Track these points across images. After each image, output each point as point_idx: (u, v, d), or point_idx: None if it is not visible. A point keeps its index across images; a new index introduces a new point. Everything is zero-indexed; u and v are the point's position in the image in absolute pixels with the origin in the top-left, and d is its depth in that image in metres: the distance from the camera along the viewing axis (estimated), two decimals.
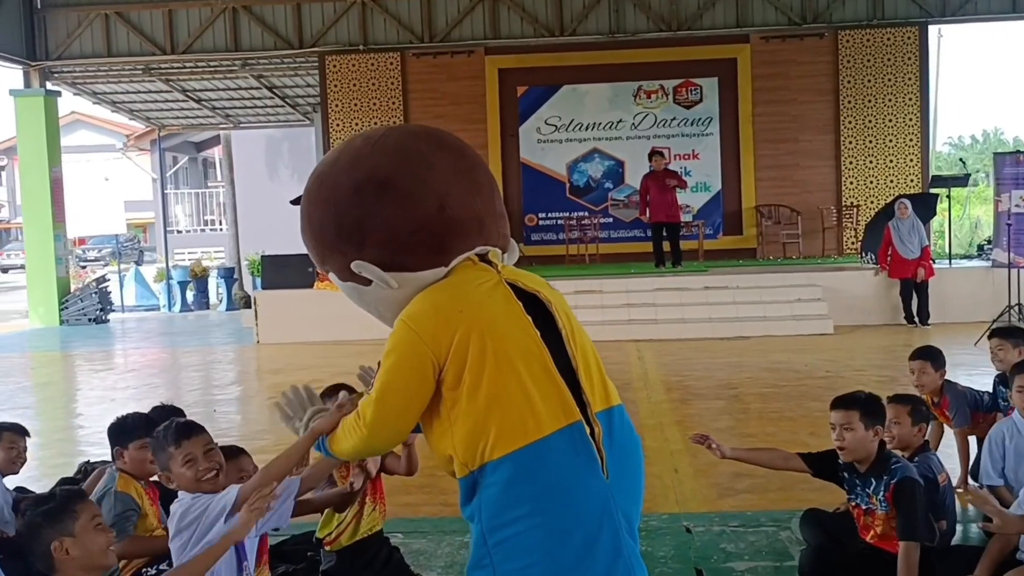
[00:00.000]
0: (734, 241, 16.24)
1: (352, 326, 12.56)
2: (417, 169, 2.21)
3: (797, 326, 11.36)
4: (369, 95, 16.43)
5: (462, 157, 2.33)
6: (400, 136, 2.31)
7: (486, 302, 2.16)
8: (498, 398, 2.09)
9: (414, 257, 2.21)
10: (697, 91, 16.20)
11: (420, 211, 2.17)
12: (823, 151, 16.08)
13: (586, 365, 2.21)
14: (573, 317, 2.30)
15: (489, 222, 2.27)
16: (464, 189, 2.24)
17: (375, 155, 2.22)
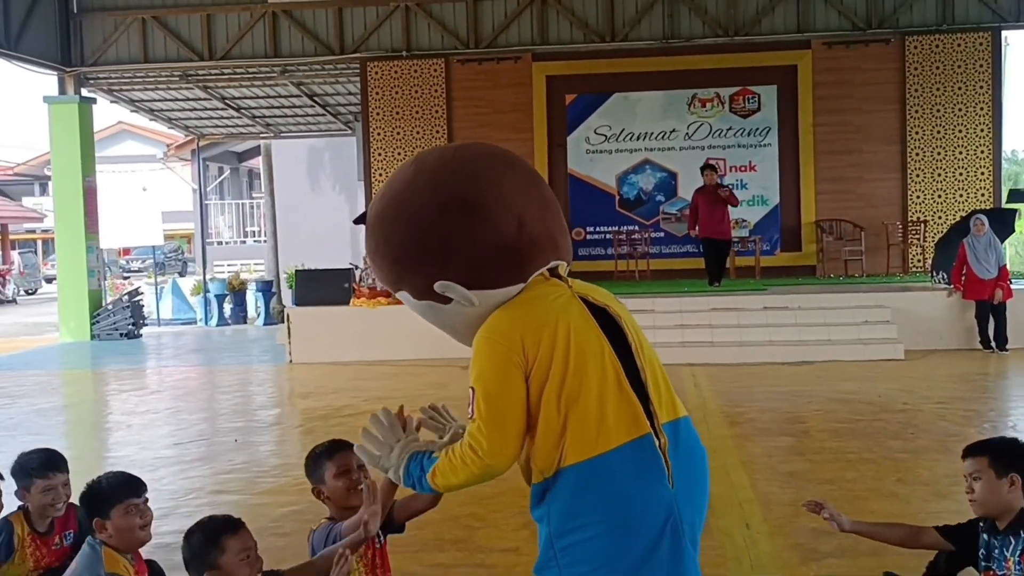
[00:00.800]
0: (792, 258, 15.49)
1: (388, 345, 12.10)
2: (496, 189, 2.27)
3: (865, 351, 10.62)
4: (412, 103, 15.94)
5: (528, 174, 2.39)
6: (472, 156, 2.35)
7: (562, 316, 2.22)
8: (574, 409, 2.17)
9: (497, 275, 2.26)
10: (755, 99, 15.51)
11: (503, 230, 2.23)
12: (888, 163, 15.31)
13: (654, 377, 2.27)
14: (640, 330, 2.35)
15: (560, 237, 2.35)
16: (537, 206, 2.31)
17: (455, 175, 2.28)
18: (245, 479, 5.99)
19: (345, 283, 12.35)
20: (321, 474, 3.15)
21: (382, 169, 15.99)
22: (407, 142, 15.90)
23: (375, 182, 16.03)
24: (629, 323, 2.32)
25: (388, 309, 12.01)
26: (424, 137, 15.88)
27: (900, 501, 5.09)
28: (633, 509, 2.16)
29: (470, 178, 2.28)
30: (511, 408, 2.21)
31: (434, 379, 10.26)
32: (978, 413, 7.59)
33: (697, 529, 2.27)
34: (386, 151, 16.00)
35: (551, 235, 2.33)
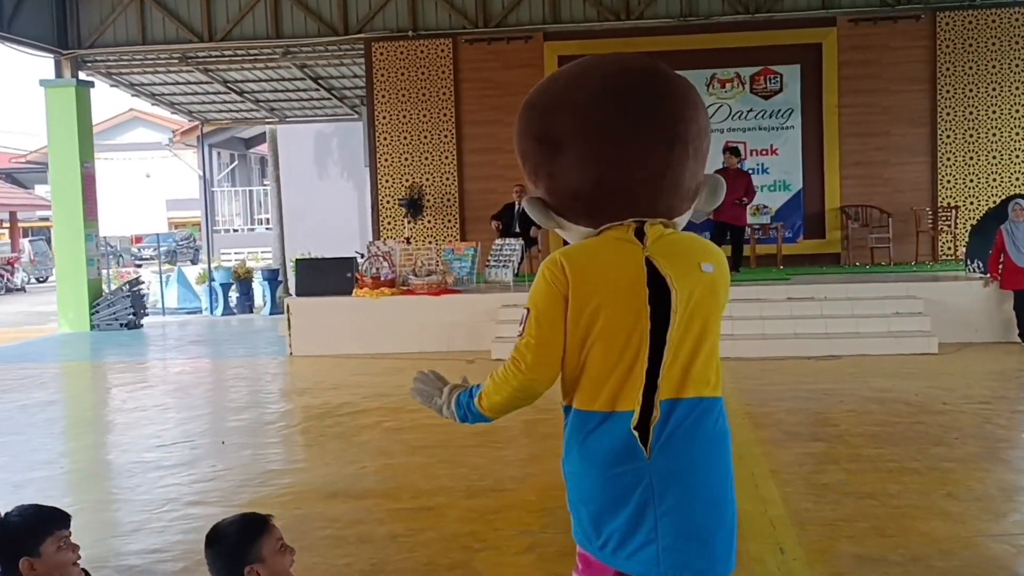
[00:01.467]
0: (816, 245, 14.90)
1: (392, 338, 11.59)
2: (591, 139, 2.21)
3: (896, 344, 10.04)
4: (418, 84, 15.40)
5: (640, 129, 2.21)
6: (593, 93, 2.23)
7: (612, 275, 2.21)
8: (586, 362, 2.24)
9: (569, 212, 2.32)
10: (777, 80, 14.90)
11: (581, 180, 2.24)
12: (917, 146, 14.68)
13: (676, 354, 2.22)
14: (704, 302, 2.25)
15: (648, 196, 2.25)
16: (631, 166, 2.22)
17: (561, 110, 2.26)
18: (226, 488, 5.50)
19: (348, 273, 11.84)
20: (258, 552, 2.69)
21: (388, 154, 15.47)
22: (413, 125, 15.38)
23: (381, 168, 15.51)
24: (686, 296, 2.21)
25: (392, 300, 11.51)
26: (431, 120, 15.35)
27: (953, 521, 4.54)
28: (604, 469, 2.22)
29: (573, 120, 2.23)
30: (553, 330, 2.25)
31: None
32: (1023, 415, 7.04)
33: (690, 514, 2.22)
34: (392, 135, 15.47)
35: (633, 193, 2.23)
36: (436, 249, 12.25)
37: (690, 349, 2.23)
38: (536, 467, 5.75)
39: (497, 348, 10.56)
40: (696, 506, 2.21)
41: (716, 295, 2.27)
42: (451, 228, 15.50)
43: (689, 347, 2.23)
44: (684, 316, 2.21)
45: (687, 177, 2.28)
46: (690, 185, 2.31)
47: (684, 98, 2.27)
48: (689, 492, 2.21)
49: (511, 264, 12.03)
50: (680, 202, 2.32)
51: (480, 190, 15.33)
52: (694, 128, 2.26)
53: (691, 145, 2.25)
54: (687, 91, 2.31)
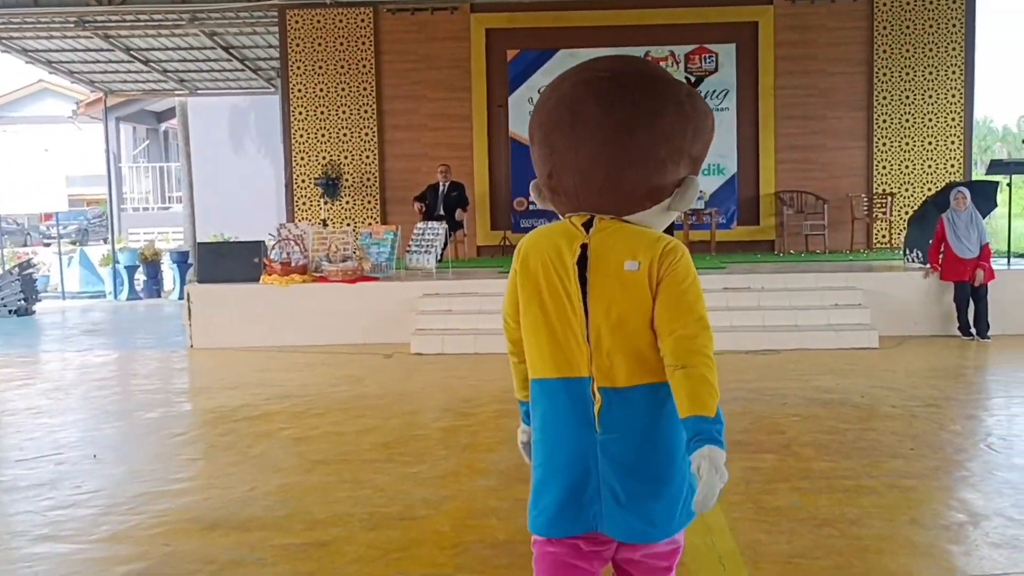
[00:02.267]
0: (750, 232, 14.49)
1: (304, 329, 10.82)
2: (548, 137, 2.34)
3: (836, 338, 9.60)
4: (336, 56, 14.57)
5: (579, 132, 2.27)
6: (561, 96, 2.30)
7: (551, 256, 2.32)
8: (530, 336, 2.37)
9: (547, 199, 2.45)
10: (712, 59, 14.40)
11: (541, 169, 2.40)
12: (854, 130, 14.34)
13: (600, 342, 2.27)
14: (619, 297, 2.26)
15: (587, 196, 2.32)
16: (570, 169, 2.32)
17: (540, 110, 2.37)
18: (86, 518, 4.72)
19: (255, 258, 11.02)
20: None
21: (303, 130, 14.63)
22: (331, 99, 14.55)
23: (295, 145, 14.67)
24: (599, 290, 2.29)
25: (304, 288, 10.73)
26: (350, 95, 14.54)
27: (921, 555, 4.00)
28: (556, 433, 2.32)
29: (546, 118, 2.35)
30: (506, 297, 2.46)
31: (353, 370, 9.02)
32: (978, 420, 6.57)
33: (628, 488, 2.26)
34: (308, 110, 14.63)
35: (577, 193, 2.34)
36: (353, 233, 11.48)
37: (613, 339, 2.27)
38: (453, 487, 5.09)
39: (417, 341, 9.87)
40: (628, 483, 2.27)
41: (638, 291, 2.25)
42: (371, 210, 14.73)
43: (611, 337, 2.27)
44: (600, 305, 2.29)
45: (628, 181, 2.28)
46: (636, 189, 2.29)
47: (638, 106, 2.24)
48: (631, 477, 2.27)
49: (434, 249, 11.32)
50: (625, 202, 2.32)
51: (402, 169, 14.60)
52: (643, 135, 2.23)
53: (635, 151, 2.24)
54: (647, 99, 2.25)
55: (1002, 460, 5.42)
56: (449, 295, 10.59)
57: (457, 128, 14.58)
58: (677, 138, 2.26)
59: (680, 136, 2.26)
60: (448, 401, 7.50)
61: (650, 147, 2.24)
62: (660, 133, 2.23)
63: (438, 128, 14.60)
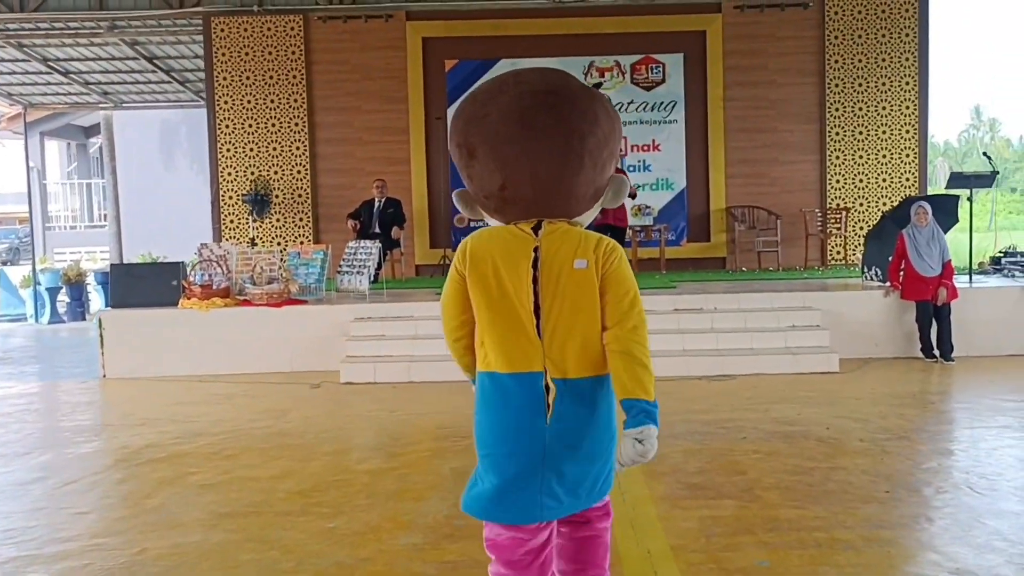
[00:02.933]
0: (700, 249, 14.04)
1: (226, 357, 10.12)
2: (497, 149, 2.52)
3: (794, 362, 9.13)
4: (265, 66, 13.90)
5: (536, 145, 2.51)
6: (504, 111, 2.53)
7: (503, 259, 2.55)
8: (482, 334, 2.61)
9: (485, 209, 2.67)
10: (659, 69, 13.96)
11: (489, 184, 2.57)
12: (806, 143, 13.97)
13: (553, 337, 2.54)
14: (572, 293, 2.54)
15: (544, 201, 2.56)
16: (528, 179, 2.52)
17: (479, 123, 2.54)
18: None
19: (173, 280, 10.30)
20: None
21: (231, 143, 13.93)
22: (259, 112, 13.87)
23: (222, 159, 13.96)
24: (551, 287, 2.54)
25: (226, 312, 10.03)
26: (280, 107, 13.87)
27: None
28: (506, 425, 2.56)
29: (487, 130, 2.52)
30: (447, 304, 2.70)
31: (275, 402, 8.34)
32: (954, 456, 6.07)
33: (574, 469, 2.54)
34: (235, 122, 13.93)
35: (536, 200, 2.56)
36: (280, 253, 10.81)
37: (566, 333, 2.53)
38: (373, 546, 4.46)
39: (347, 369, 9.22)
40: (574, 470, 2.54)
41: (587, 287, 2.53)
42: (303, 228, 14.05)
43: (565, 331, 2.53)
44: (554, 304, 2.53)
45: (582, 184, 2.56)
46: (586, 191, 2.58)
47: (583, 114, 2.52)
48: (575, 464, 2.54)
49: (366, 270, 10.68)
50: (576, 205, 2.60)
51: (335, 185, 13.95)
52: (591, 141, 2.51)
53: (587, 157, 2.52)
54: (588, 107, 2.54)
55: (987, 504, 4.91)
56: (382, 319, 9.96)
57: (393, 141, 13.98)
58: (611, 140, 2.60)
59: (614, 139, 2.61)
60: (377, 439, 6.87)
61: (597, 151, 2.53)
62: (602, 137, 2.55)
63: (373, 142, 13.98)
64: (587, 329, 2.53)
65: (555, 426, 2.52)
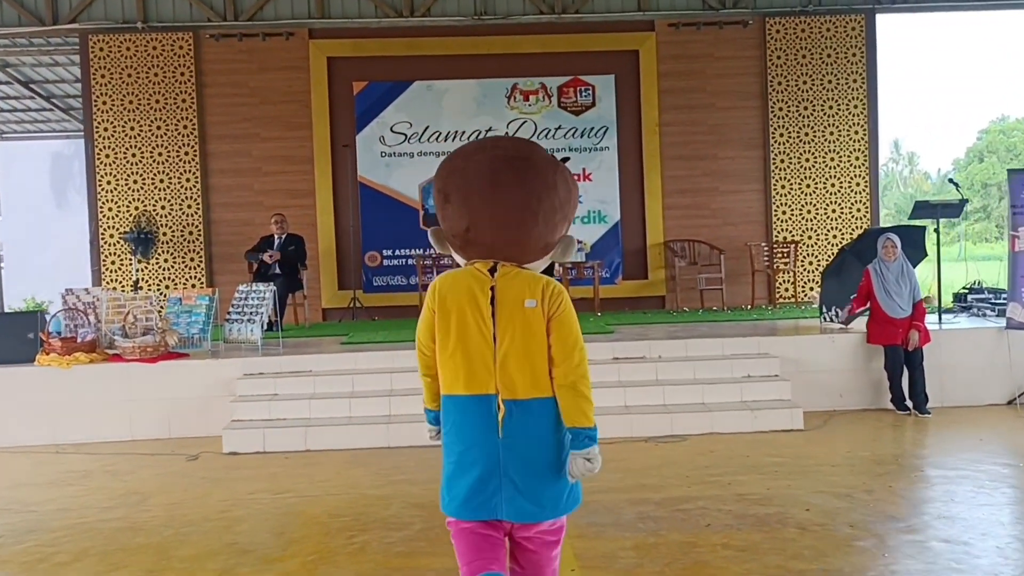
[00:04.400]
0: (637, 287, 12.96)
1: (91, 423, 8.51)
2: (467, 200, 2.96)
3: (752, 419, 7.98)
4: (150, 90, 12.54)
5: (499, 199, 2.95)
6: (477, 167, 2.97)
7: (465, 294, 2.96)
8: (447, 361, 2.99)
9: (453, 247, 3.06)
10: (588, 92, 12.91)
11: (457, 226, 2.99)
12: (749, 172, 13.03)
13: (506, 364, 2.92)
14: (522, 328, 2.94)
15: (501, 248, 2.96)
16: (489, 227, 2.96)
17: (455, 175, 3.00)
18: None
19: (29, 332, 8.85)
20: None
21: (112, 175, 12.53)
22: (144, 140, 12.49)
23: (102, 193, 12.53)
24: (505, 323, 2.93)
25: (89, 370, 8.62)
26: (168, 134, 12.50)
27: None
28: (465, 435, 2.96)
29: (462, 181, 2.98)
30: (422, 335, 3.08)
31: (139, 482, 6.93)
32: (969, 547, 4.93)
33: (524, 479, 2.92)
34: (116, 151, 12.53)
35: (493, 244, 2.96)
36: (157, 299, 9.42)
37: (516, 361, 2.94)
38: None
39: (231, 436, 7.86)
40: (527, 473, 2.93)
41: (536, 323, 2.93)
42: (194, 269, 12.65)
43: (515, 360, 2.94)
44: (506, 336, 2.94)
45: (534, 238, 2.97)
46: (537, 244, 3.00)
47: (543, 180, 2.97)
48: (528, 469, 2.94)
49: (258, 317, 9.33)
50: (527, 254, 3.01)
51: (232, 220, 12.61)
52: (547, 204, 2.96)
53: (541, 216, 2.95)
54: (549, 175, 2.97)
55: None
56: (276, 375, 8.62)
57: (296, 172, 12.68)
58: (566, 206, 3.03)
59: (568, 205, 3.03)
60: (252, 535, 5.53)
61: (550, 212, 2.97)
62: (557, 203, 2.98)
63: (274, 172, 12.67)
64: (535, 358, 2.93)
65: (506, 440, 2.92)
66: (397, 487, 6.44)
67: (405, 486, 6.44)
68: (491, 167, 2.95)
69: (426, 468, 6.83)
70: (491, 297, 2.94)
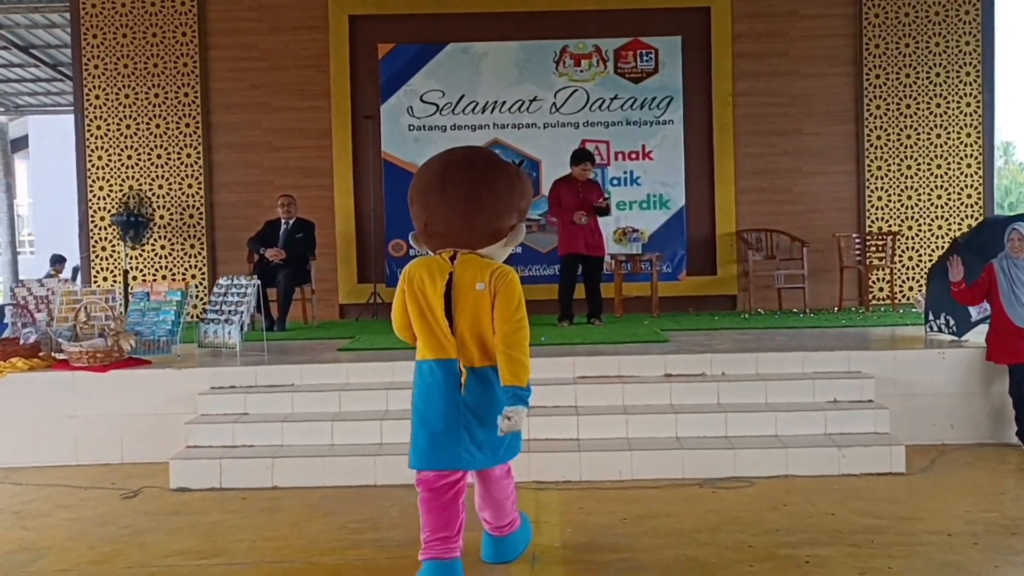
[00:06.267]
0: (703, 284, 11.29)
1: (24, 444, 6.81)
2: (424, 198, 3.92)
3: (839, 458, 6.28)
4: (148, 52, 11.24)
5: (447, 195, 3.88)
6: (430, 171, 3.95)
7: (427, 276, 3.89)
8: (418, 332, 3.94)
9: (421, 240, 4.02)
10: (651, 57, 11.25)
11: (419, 222, 3.95)
12: (838, 149, 11.28)
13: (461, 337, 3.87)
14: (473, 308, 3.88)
15: (453, 238, 3.89)
16: (441, 218, 3.89)
17: (418, 180, 3.99)
18: None
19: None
20: None
21: (103, 149, 11.22)
22: (140, 109, 11.20)
23: (92, 171, 11.25)
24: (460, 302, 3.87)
25: (27, 379, 7.27)
26: (166, 103, 11.21)
27: None
28: (432, 395, 3.89)
29: (421, 184, 3.95)
30: (395, 310, 4.01)
31: (51, 528, 5.51)
32: None
33: (481, 432, 3.88)
34: (109, 123, 11.23)
35: (447, 236, 3.89)
36: (115, 294, 8.04)
37: (471, 336, 3.87)
38: None
39: (182, 468, 6.43)
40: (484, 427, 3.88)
41: (484, 303, 3.85)
42: (195, 258, 11.31)
43: (469, 333, 3.86)
44: (461, 313, 3.85)
45: (480, 226, 3.88)
46: (484, 231, 3.90)
47: (483, 178, 3.89)
48: (484, 423, 3.88)
49: (238, 317, 7.88)
50: (477, 239, 3.90)
51: (237, 202, 11.26)
52: (487, 196, 3.86)
53: (483, 207, 3.86)
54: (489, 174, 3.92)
55: None
56: (248, 389, 7.16)
57: (311, 147, 11.26)
58: (509, 198, 3.94)
59: (510, 196, 3.95)
60: None
61: (492, 203, 3.89)
62: (497, 195, 3.89)
63: (285, 148, 11.25)
64: (485, 332, 3.89)
65: (467, 398, 3.87)
66: (359, 553, 4.90)
67: (370, 551, 4.90)
68: (440, 170, 3.92)
69: (408, 520, 5.29)
70: (448, 281, 3.85)
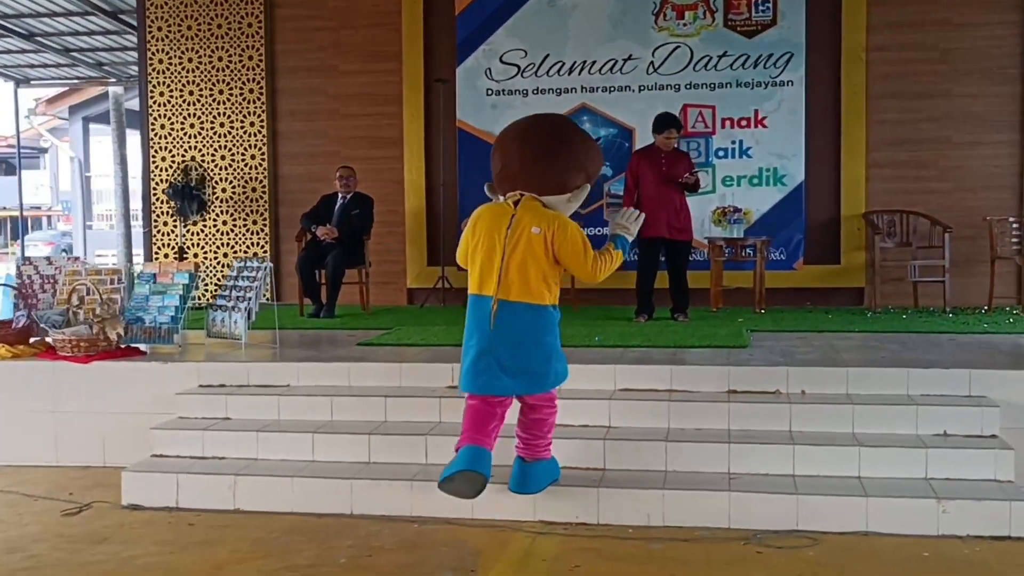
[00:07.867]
0: (824, 275, 9.78)
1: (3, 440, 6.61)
2: (505, 146, 4.59)
3: (940, 514, 4.80)
4: (211, 14, 10.49)
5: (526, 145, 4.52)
6: (515, 128, 4.64)
7: (492, 219, 4.47)
8: (471, 269, 4.53)
9: (495, 186, 4.64)
10: (767, 6, 9.79)
11: (496, 168, 4.58)
12: (998, 115, 9.57)
13: (510, 272, 4.38)
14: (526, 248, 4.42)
15: (524, 181, 4.48)
16: (517, 161, 4.48)
17: (503, 133, 4.69)
18: None
19: None
20: None
21: (167, 116, 10.57)
22: (203, 75, 10.48)
23: (155, 140, 10.63)
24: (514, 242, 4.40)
25: (10, 367, 6.58)
26: (230, 68, 10.49)
27: None
28: (472, 325, 4.49)
29: (503, 136, 4.64)
30: (461, 249, 4.63)
31: None
32: None
33: (510, 361, 4.42)
34: (173, 88, 10.55)
35: (518, 177, 4.48)
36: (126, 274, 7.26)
37: (517, 273, 4.39)
38: None
39: (136, 481, 5.57)
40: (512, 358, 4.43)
41: (538, 246, 4.40)
42: (256, 235, 10.53)
43: (516, 272, 4.38)
44: (512, 252, 4.38)
45: (550, 175, 4.48)
46: (553, 180, 4.50)
47: (559, 136, 4.52)
48: (511, 354, 4.43)
49: (247, 303, 6.96)
50: (545, 187, 4.49)
51: (302, 175, 10.44)
52: (563, 150, 4.49)
53: (557, 159, 4.49)
54: (564, 133, 4.59)
55: None
56: (238, 388, 6.23)
57: (380, 115, 10.29)
58: (580, 156, 4.55)
59: (583, 156, 4.57)
60: None
61: (565, 157, 4.50)
62: (571, 153, 4.51)
63: (354, 115, 10.32)
64: (529, 271, 4.42)
65: (496, 331, 4.40)
66: None
67: None
68: (525, 124, 4.65)
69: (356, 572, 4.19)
70: (508, 223, 4.42)
